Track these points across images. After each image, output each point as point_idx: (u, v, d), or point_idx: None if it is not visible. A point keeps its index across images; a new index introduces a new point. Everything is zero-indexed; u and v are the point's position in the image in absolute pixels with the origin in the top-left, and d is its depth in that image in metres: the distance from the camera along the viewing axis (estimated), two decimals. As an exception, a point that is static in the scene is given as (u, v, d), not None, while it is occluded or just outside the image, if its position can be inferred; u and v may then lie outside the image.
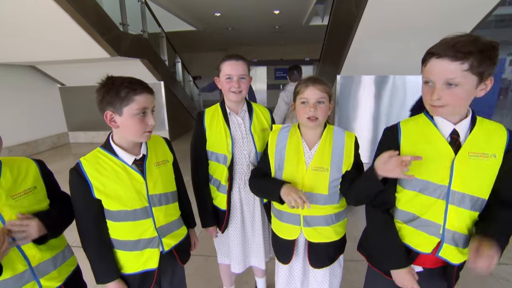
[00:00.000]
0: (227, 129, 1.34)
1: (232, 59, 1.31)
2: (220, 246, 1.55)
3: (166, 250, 1.10)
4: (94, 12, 3.64)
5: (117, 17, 4.48)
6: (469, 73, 0.80)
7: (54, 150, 5.77)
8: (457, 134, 0.90)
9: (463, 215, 0.91)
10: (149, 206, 1.03)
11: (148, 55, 5.30)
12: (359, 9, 2.96)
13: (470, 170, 0.88)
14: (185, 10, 6.62)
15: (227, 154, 1.33)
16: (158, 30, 6.27)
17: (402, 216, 1.01)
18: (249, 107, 1.42)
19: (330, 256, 1.23)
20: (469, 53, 0.79)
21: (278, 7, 6.35)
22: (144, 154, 1.05)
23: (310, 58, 11.83)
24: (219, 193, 1.41)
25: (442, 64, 0.81)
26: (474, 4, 2.88)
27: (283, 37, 10.27)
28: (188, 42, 10.61)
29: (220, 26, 8.24)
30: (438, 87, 0.83)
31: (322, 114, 1.11)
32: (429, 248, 0.96)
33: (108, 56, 4.21)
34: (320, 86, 1.11)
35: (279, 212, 1.24)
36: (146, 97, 0.95)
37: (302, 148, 1.16)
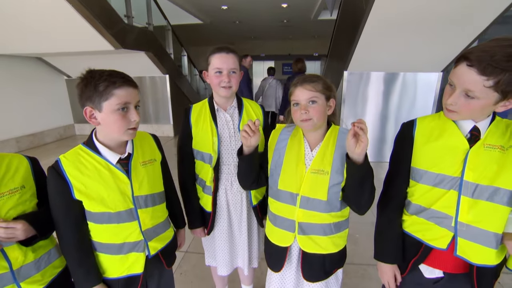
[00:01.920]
0: (214, 127, 1.27)
1: (222, 52, 1.22)
2: (207, 248, 1.50)
3: (152, 254, 1.05)
4: (98, 4, 3.60)
5: (122, 9, 4.44)
6: (491, 90, 0.75)
7: (60, 142, 5.83)
8: (477, 130, 0.87)
9: (479, 207, 0.86)
10: (135, 208, 0.98)
11: (153, 48, 5.27)
12: (368, 3, 2.84)
13: (485, 160, 0.84)
14: (192, 2, 6.55)
15: (212, 153, 1.26)
16: (164, 23, 6.23)
17: (412, 208, 1.00)
18: (239, 103, 1.34)
19: (325, 270, 1.13)
20: (503, 70, 0.72)
21: (286, 1, 6.21)
22: (130, 153, 0.99)
23: (319, 54, 11.64)
24: (204, 194, 1.35)
25: (468, 74, 0.77)
26: None
27: (291, 31, 10.10)
28: (195, 35, 10.54)
29: (227, 20, 8.14)
30: (456, 92, 0.81)
31: (316, 114, 1.01)
32: (444, 242, 0.91)
33: (113, 49, 4.19)
34: (310, 85, 1.02)
35: (274, 216, 1.16)
36: (128, 91, 0.88)
37: (303, 149, 1.08)
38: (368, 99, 4.29)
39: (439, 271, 0.97)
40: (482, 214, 0.86)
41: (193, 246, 2.41)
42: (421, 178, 0.95)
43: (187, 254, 2.34)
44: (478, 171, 0.85)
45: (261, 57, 12.86)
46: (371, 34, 3.21)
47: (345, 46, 3.98)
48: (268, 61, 12.47)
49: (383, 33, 3.20)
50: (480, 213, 0.86)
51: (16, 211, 0.89)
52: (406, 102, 4.26)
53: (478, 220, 0.86)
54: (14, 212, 0.88)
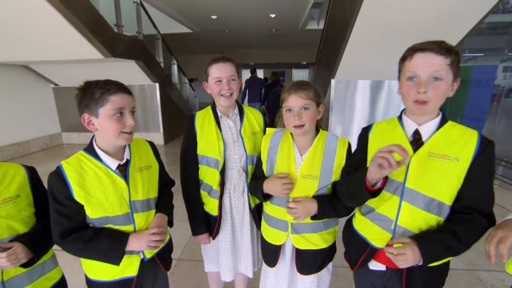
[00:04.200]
0: (219, 132, 1.30)
1: (220, 62, 1.28)
2: (208, 253, 1.50)
3: (147, 258, 1.07)
4: (87, 12, 3.61)
5: (111, 18, 4.46)
6: (450, 69, 0.84)
7: (46, 151, 5.70)
8: (419, 134, 0.91)
9: (415, 214, 0.91)
10: (131, 213, 1.01)
11: (143, 57, 5.28)
12: (352, 14, 2.98)
13: (427, 170, 0.88)
14: (182, 12, 6.62)
15: (219, 158, 1.29)
16: (154, 31, 6.26)
17: (363, 208, 1.06)
18: (240, 110, 1.39)
19: (317, 264, 1.21)
20: (450, 50, 0.83)
21: (275, 11, 6.37)
22: (128, 159, 1.03)
23: (307, 62, 11.89)
24: (210, 198, 1.37)
25: (428, 57, 0.84)
26: (466, 11, 2.91)
27: (280, 40, 10.31)
28: (184, 44, 10.59)
29: (217, 29, 8.25)
30: (424, 79, 0.84)
31: (308, 120, 1.08)
32: (382, 243, 0.97)
33: (102, 57, 4.18)
34: (303, 93, 1.08)
35: (268, 216, 1.23)
36: (122, 97, 0.93)
37: (293, 154, 1.14)
38: (355, 106, 4.43)
39: (381, 265, 1.02)
40: (418, 220, 0.91)
41: (186, 253, 2.40)
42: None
43: (179, 262, 2.32)
44: (419, 179, 0.89)
45: (250, 65, 13.01)
46: (356, 44, 3.35)
47: (332, 55, 4.11)
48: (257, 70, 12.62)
49: (367, 43, 3.34)
50: (416, 219, 0.91)
51: (10, 221, 0.90)
52: (392, 108, 4.42)
53: (414, 225, 0.92)
54: (4, 221, 0.89)
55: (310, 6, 5.48)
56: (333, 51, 3.97)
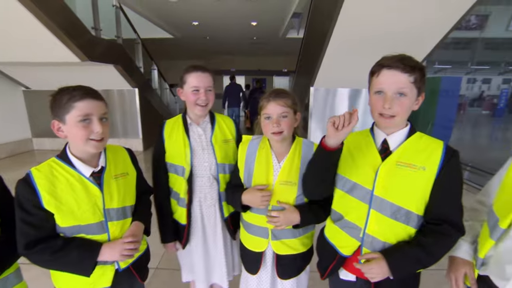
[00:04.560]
0: (187, 139, 1.30)
1: (199, 71, 1.27)
2: (184, 261, 1.48)
3: (122, 268, 1.04)
4: (62, 13, 3.48)
5: (89, 21, 4.35)
6: (413, 86, 0.88)
7: (15, 157, 5.38)
8: (387, 143, 0.94)
9: (383, 222, 0.92)
10: (105, 221, 0.98)
11: (122, 61, 5.16)
12: (330, 25, 3.10)
13: (394, 178, 0.90)
14: (162, 17, 6.57)
15: (185, 165, 1.29)
16: (134, 36, 6.16)
17: (333, 214, 1.07)
18: (211, 118, 1.39)
19: (297, 268, 1.23)
20: (414, 67, 0.87)
21: (256, 19, 6.48)
22: (103, 166, 1.01)
23: (288, 70, 12.11)
24: (179, 207, 1.36)
25: (393, 75, 0.87)
26: (434, 26, 3.12)
27: (261, 48, 10.45)
28: (165, 49, 10.47)
29: (198, 35, 8.25)
30: (389, 95, 0.88)
31: (287, 127, 1.10)
32: (349, 251, 0.99)
33: (79, 61, 4.06)
34: (282, 101, 1.09)
35: (248, 225, 1.23)
36: (89, 103, 0.91)
37: (272, 161, 1.15)
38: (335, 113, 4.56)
39: (352, 276, 1.02)
40: (385, 228, 0.92)
41: (164, 262, 2.35)
42: (338, 183, 1.02)
43: (157, 271, 2.26)
44: (386, 188, 0.91)
45: (232, 72, 13.07)
46: (333, 54, 3.47)
47: (311, 63, 4.23)
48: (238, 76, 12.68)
49: (345, 53, 3.47)
50: (384, 227, 0.92)
51: None
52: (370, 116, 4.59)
53: (382, 233, 0.93)
54: None
55: (290, 15, 5.63)
56: (312, 60, 4.08)
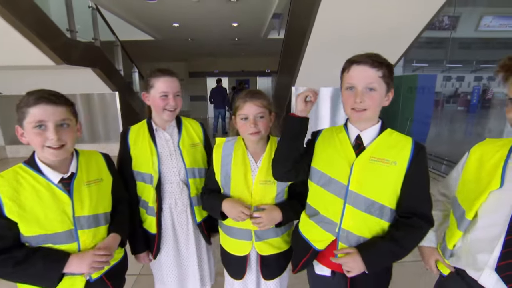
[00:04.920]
0: (153, 146, 1.26)
1: (167, 75, 1.24)
2: (155, 272, 1.44)
3: (94, 278, 1.00)
4: (33, 16, 3.34)
5: (64, 23, 4.21)
6: (382, 81, 0.91)
7: (-12, 167, 5.15)
8: (360, 139, 0.98)
9: (358, 217, 0.95)
10: (75, 229, 0.94)
11: (100, 64, 5.03)
12: (308, 24, 3.15)
13: (368, 173, 0.93)
14: (141, 19, 6.46)
15: (153, 173, 1.25)
16: (113, 38, 6.02)
17: (308, 210, 1.09)
18: (178, 122, 1.36)
19: (281, 266, 1.23)
20: (382, 63, 0.91)
21: (236, 20, 6.48)
22: (73, 172, 0.97)
23: (271, 70, 12.18)
24: (148, 215, 1.31)
25: (363, 70, 0.91)
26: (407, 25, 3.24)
27: (243, 49, 10.45)
28: (147, 51, 10.29)
29: (180, 37, 8.15)
30: (360, 90, 0.91)
31: (264, 127, 1.12)
32: (323, 245, 1.01)
33: (54, 64, 3.92)
34: (258, 101, 1.10)
35: (228, 228, 1.20)
36: (43, 109, 0.87)
37: (249, 161, 1.15)
38: (318, 113, 4.63)
39: (327, 270, 1.04)
40: (360, 222, 0.95)
41: (146, 268, 2.29)
42: (313, 177, 1.04)
43: (139, 277, 2.22)
44: (361, 182, 0.93)
45: (215, 74, 13.02)
46: (313, 53, 3.53)
47: (291, 63, 4.28)
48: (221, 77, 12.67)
49: (324, 52, 3.53)
50: (359, 221, 0.95)
51: None
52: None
53: (357, 227, 0.95)
54: None
55: (270, 16, 5.67)
56: (292, 60, 4.13)
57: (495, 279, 0.79)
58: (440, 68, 7.34)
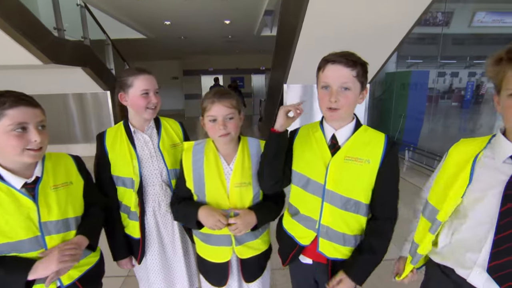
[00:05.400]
0: (132, 149, 1.23)
1: (146, 73, 1.22)
2: (140, 278, 1.41)
3: (65, 285, 0.97)
4: (18, 14, 3.26)
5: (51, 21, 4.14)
6: (356, 80, 0.92)
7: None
8: (335, 138, 0.99)
9: (335, 213, 0.99)
10: (41, 236, 0.91)
11: (91, 64, 4.98)
12: (298, 22, 3.12)
13: (343, 172, 0.96)
14: (132, 17, 6.38)
15: (134, 177, 1.22)
16: (103, 37, 5.94)
17: (290, 209, 1.13)
18: (156, 122, 1.33)
19: (261, 266, 1.23)
20: (356, 62, 0.92)
21: (228, 18, 6.43)
22: (38, 176, 0.94)
23: (265, 68, 12.14)
24: (130, 220, 1.28)
25: (337, 69, 0.91)
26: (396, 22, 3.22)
27: (237, 46, 10.40)
28: (140, 50, 10.21)
29: (172, 35, 8.08)
30: (334, 89, 0.92)
31: (234, 128, 1.08)
32: (307, 241, 1.05)
33: (41, 63, 3.85)
34: (227, 102, 1.06)
35: (206, 236, 1.15)
36: (22, 111, 0.85)
37: (221, 165, 1.12)
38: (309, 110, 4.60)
39: (309, 259, 1.10)
40: (338, 218, 0.99)
41: (135, 268, 2.28)
42: (294, 179, 1.07)
43: (127, 279, 2.20)
44: (336, 181, 0.96)
45: (210, 71, 12.95)
46: (303, 50, 3.51)
47: (283, 61, 4.25)
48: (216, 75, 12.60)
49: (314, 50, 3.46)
50: (337, 217, 0.99)
51: None
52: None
53: (335, 223, 1.00)
54: None
55: (262, 13, 5.63)
56: (284, 57, 4.11)
57: (484, 277, 0.78)
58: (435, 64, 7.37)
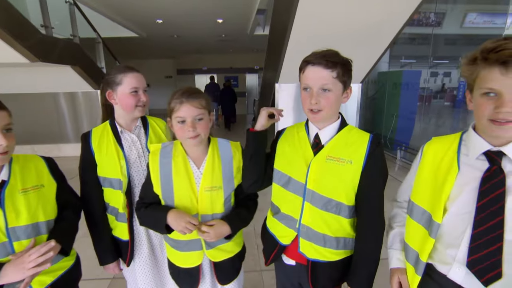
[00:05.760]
0: (120, 149, 1.20)
1: (135, 71, 1.20)
2: (129, 279, 1.37)
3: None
4: (1, 10, 3.16)
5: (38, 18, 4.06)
6: (337, 81, 0.91)
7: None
8: (318, 138, 0.98)
9: (316, 213, 0.97)
10: (9, 242, 0.88)
11: (81, 62, 4.90)
12: (288, 21, 3.10)
13: (324, 172, 0.94)
14: (124, 16, 6.31)
15: (121, 178, 1.19)
16: (94, 35, 5.85)
17: (272, 207, 1.12)
18: (144, 122, 1.31)
19: (236, 268, 1.21)
20: (336, 63, 0.89)
21: (221, 17, 6.39)
22: (5, 180, 0.90)
23: (260, 67, 12.11)
24: (118, 222, 1.25)
25: (317, 71, 0.90)
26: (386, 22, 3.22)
27: (231, 45, 10.36)
28: (134, 49, 10.12)
29: (165, 34, 8.01)
30: (315, 91, 0.91)
31: (203, 130, 1.03)
32: (288, 240, 1.04)
33: (28, 62, 3.78)
34: (196, 102, 1.01)
35: (175, 241, 1.11)
36: None
37: (190, 168, 1.07)
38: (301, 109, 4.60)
39: (292, 261, 1.08)
40: (318, 219, 0.97)
41: (121, 270, 2.24)
42: (275, 177, 1.05)
43: (114, 281, 2.16)
44: (317, 181, 0.95)
45: (204, 71, 12.90)
46: (295, 50, 3.51)
47: (275, 60, 4.23)
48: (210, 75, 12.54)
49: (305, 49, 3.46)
50: (317, 218, 0.97)
51: None
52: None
53: (316, 223, 0.98)
54: None
55: (255, 12, 5.61)
56: (275, 56, 4.09)
57: (464, 272, 0.79)
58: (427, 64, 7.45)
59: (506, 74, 0.67)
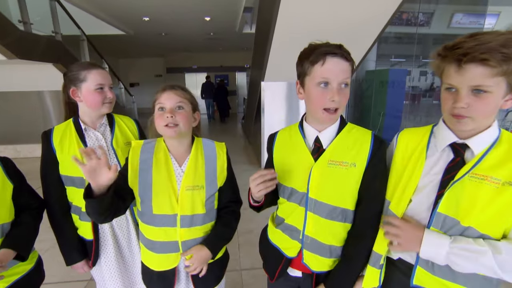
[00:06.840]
0: (83, 147, 1.17)
1: (99, 68, 1.19)
2: (98, 280, 1.34)
3: None
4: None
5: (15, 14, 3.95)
6: (351, 75, 0.87)
7: None
8: (319, 141, 0.91)
9: (319, 223, 0.91)
10: None
11: (63, 60, 4.77)
12: (271, 19, 3.09)
13: (327, 179, 0.88)
14: (107, 12, 6.18)
15: (84, 176, 1.13)
16: (78, 32, 5.72)
17: (277, 221, 1.05)
18: (110, 119, 1.28)
19: (216, 276, 1.14)
20: (349, 55, 0.85)
21: (209, 14, 6.33)
22: None
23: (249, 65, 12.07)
24: (81, 222, 1.21)
25: (338, 63, 0.83)
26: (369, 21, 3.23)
27: (220, 43, 10.31)
28: (122, 47, 9.96)
29: (152, 31, 7.90)
30: (335, 87, 0.83)
31: (183, 120, 0.97)
32: (293, 252, 0.98)
33: (5, 59, 3.67)
34: (178, 91, 1.00)
35: (151, 242, 1.04)
36: None
37: (172, 166, 1.03)
38: (288, 108, 4.58)
39: (298, 272, 1.02)
40: (323, 229, 0.91)
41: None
42: (280, 192, 1.00)
43: (91, 283, 2.12)
44: (319, 189, 0.89)
45: (193, 69, 12.79)
46: (279, 48, 3.48)
47: (261, 58, 4.21)
48: (200, 73, 12.46)
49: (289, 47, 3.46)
50: (321, 228, 0.91)
51: None
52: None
53: (320, 234, 0.92)
54: None
55: (242, 10, 5.57)
56: (261, 55, 4.06)
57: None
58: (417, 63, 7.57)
59: (459, 71, 0.69)
